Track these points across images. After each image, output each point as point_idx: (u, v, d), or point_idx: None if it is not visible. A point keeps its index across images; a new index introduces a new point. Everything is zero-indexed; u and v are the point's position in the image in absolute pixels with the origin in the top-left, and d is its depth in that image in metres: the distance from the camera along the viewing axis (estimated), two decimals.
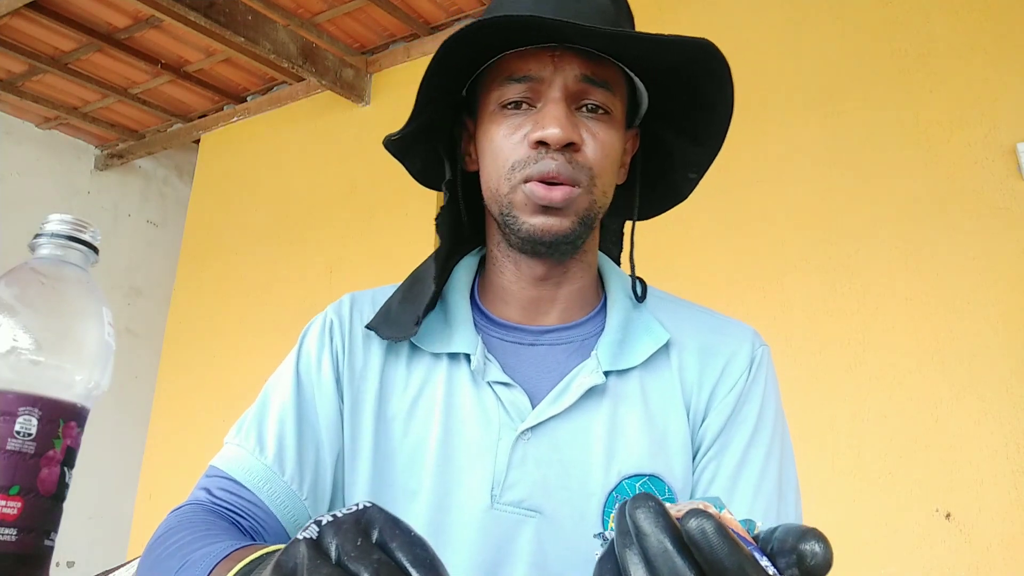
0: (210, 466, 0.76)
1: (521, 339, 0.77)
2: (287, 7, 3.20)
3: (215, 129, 4.15)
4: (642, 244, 0.86)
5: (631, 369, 0.74)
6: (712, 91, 0.75)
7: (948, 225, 2.09)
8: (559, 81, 0.70)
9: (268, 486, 0.72)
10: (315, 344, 0.78)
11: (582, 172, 0.70)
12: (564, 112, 0.69)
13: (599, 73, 0.71)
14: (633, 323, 0.77)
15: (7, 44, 3.46)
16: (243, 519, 0.71)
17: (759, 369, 0.76)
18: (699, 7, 2.74)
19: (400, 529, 0.37)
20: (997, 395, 1.92)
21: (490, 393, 0.73)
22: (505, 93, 0.71)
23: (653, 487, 0.70)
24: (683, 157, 0.81)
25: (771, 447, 0.73)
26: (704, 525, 0.34)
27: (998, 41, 2.15)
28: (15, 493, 0.42)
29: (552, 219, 0.70)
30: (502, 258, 0.78)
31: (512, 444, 0.71)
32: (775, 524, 0.70)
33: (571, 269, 0.77)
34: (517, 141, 0.71)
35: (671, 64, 0.72)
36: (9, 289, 0.45)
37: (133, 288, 4.39)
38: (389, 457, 0.74)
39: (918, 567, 1.90)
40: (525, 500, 0.70)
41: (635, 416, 0.72)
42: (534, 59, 0.70)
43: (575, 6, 0.70)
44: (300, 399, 0.76)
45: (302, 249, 3.46)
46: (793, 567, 0.35)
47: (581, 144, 0.70)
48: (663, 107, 0.79)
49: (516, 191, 0.71)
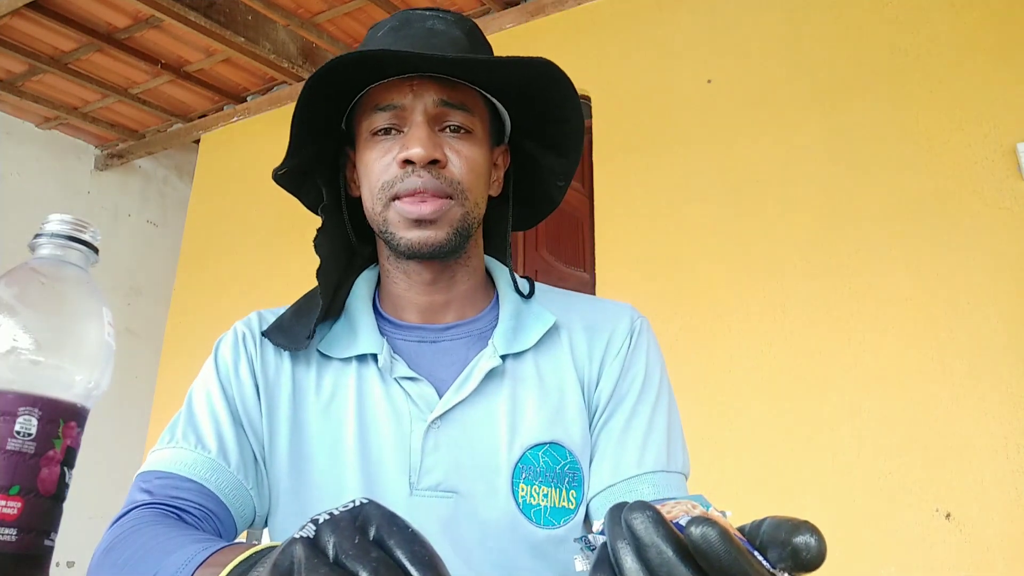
0: (141, 473, 0.75)
1: (424, 337, 0.82)
2: (287, 7, 3.20)
3: (215, 129, 4.15)
4: (642, 244, 0.88)
5: (525, 352, 0.81)
6: (561, 106, 0.82)
7: (948, 225, 2.09)
8: (419, 106, 0.77)
9: (216, 476, 0.74)
10: (230, 353, 0.83)
11: (450, 185, 0.76)
12: (426, 133, 0.75)
13: (455, 96, 0.78)
14: (523, 313, 0.84)
15: (7, 44, 3.46)
16: (191, 515, 0.71)
17: (639, 337, 0.84)
18: (699, 7, 2.74)
19: (397, 526, 0.37)
20: (997, 395, 1.92)
21: (398, 389, 0.78)
22: (374, 121, 0.78)
23: (554, 453, 0.77)
24: (550, 168, 0.88)
25: (657, 403, 0.80)
26: (708, 532, 0.34)
27: (998, 41, 2.15)
28: (15, 493, 0.42)
29: (427, 231, 0.76)
30: (393, 269, 0.84)
31: (424, 433, 0.76)
32: (663, 469, 0.76)
33: (457, 274, 0.83)
34: (387, 163, 0.77)
35: (518, 83, 0.80)
36: (9, 289, 0.44)
37: (133, 288, 4.40)
38: (307, 459, 0.78)
39: (918, 567, 1.90)
40: (441, 483, 0.75)
41: (532, 392, 0.79)
42: (396, 89, 0.77)
43: (430, 41, 0.78)
44: (228, 401, 0.80)
45: (302, 249, 3.45)
46: (786, 560, 0.35)
47: (445, 161, 0.76)
48: (523, 124, 0.86)
49: (388, 209, 0.77)
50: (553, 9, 3.07)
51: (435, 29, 0.80)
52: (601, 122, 2.83)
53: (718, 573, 0.34)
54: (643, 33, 2.85)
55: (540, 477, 0.76)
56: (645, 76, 2.78)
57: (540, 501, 0.75)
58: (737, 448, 2.21)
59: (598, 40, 2.94)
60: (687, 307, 2.40)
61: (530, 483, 0.75)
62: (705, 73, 2.65)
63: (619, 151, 2.74)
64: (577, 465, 0.77)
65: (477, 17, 3.24)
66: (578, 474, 0.77)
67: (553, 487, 0.76)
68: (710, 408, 2.26)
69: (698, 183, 2.54)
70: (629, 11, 2.90)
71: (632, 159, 2.69)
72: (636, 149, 2.69)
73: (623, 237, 2.63)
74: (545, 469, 0.76)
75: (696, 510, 0.38)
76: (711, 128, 2.58)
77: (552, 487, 0.76)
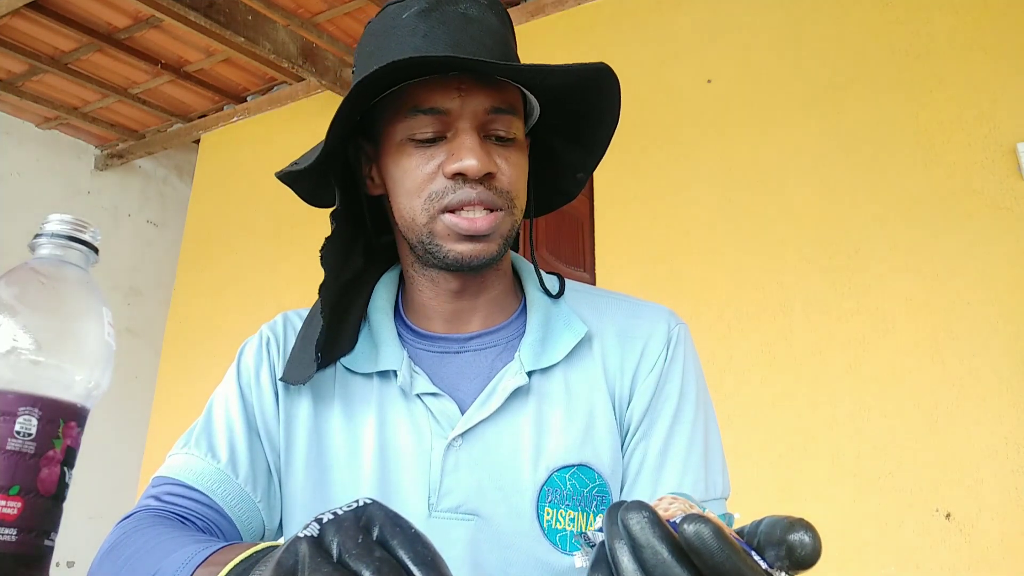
0: (155, 477, 0.75)
1: (447, 348, 0.78)
2: (287, 7, 3.20)
3: (215, 129, 4.15)
4: (643, 245, 0.87)
5: (554, 366, 0.76)
6: (602, 108, 0.78)
7: (948, 225, 2.09)
8: (468, 113, 0.70)
9: (222, 488, 0.73)
10: (253, 359, 0.81)
11: (502, 198, 0.72)
12: (478, 143, 0.70)
13: (504, 101, 0.72)
14: (553, 320, 0.79)
15: (7, 44, 3.46)
16: (195, 522, 0.70)
17: (677, 347, 0.78)
18: (699, 7, 2.74)
19: (401, 526, 0.37)
20: (997, 395, 1.92)
21: (419, 405, 0.75)
22: (413, 126, 0.71)
23: (583, 476, 0.72)
24: (571, 161, 0.84)
25: (695, 422, 0.75)
26: (701, 530, 0.34)
27: (998, 41, 2.15)
28: (15, 493, 0.42)
29: (479, 245, 0.72)
30: (418, 277, 0.79)
31: (444, 452, 0.73)
32: (704, 495, 0.72)
33: (488, 279, 0.79)
34: (431, 171, 0.71)
35: (568, 85, 0.75)
36: (9, 289, 0.44)
37: (133, 288, 4.39)
38: (325, 471, 0.76)
39: (918, 567, 1.90)
40: (462, 505, 0.72)
41: (560, 410, 0.74)
42: (440, 91, 0.70)
43: (467, 30, 0.71)
44: (245, 409, 0.78)
45: (302, 249, 3.45)
46: (783, 559, 0.35)
47: (497, 172, 0.71)
48: (554, 120, 0.81)
49: (436, 221, 0.72)
50: (553, 9, 3.07)
51: (470, 16, 0.72)
52: None
53: (712, 570, 0.34)
54: (643, 33, 2.85)
55: (567, 501, 0.72)
56: (645, 76, 2.77)
57: (566, 526, 0.71)
58: (737, 448, 2.21)
59: (598, 40, 2.94)
60: (687, 307, 2.40)
61: (556, 507, 0.71)
62: (705, 73, 2.65)
63: (619, 151, 2.72)
64: (606, 488, 0.73)
65: None
66: (607, 498, 0.73)
67: (580, 511, 0.72)
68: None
69: (698, 183, 2.54)
70: (629, 11, 2.90)
71: (632, 159, 2.69)
72: (636, 149, 2.69)
73: (623, 237, 2.63)
74: (572, 492, 0.72)
75: (693, 509, 0.38)
76: (711, 128, 2.58)
77: (579, 511, 0.72)
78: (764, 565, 0.35)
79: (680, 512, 0.38)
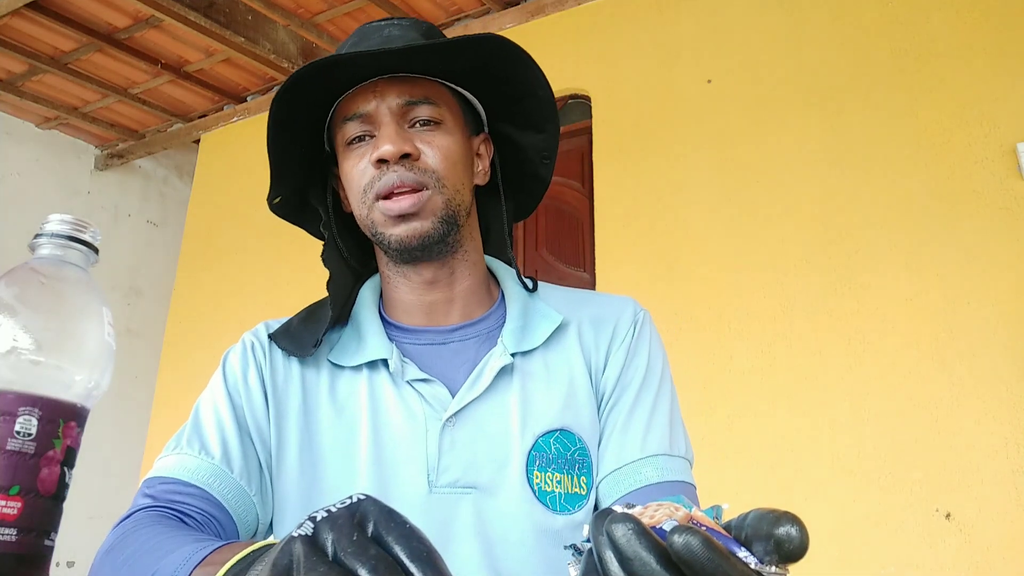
0: (147, 478, 0.76)
1: (433, 340, 0.84)
2: (287, 7, 3.20)
3: (215, 129, 4.15)
4: (642, 244, 0.88)
5: (534, 350, 0.83)
6: (524, 81, 0.83)
7: (948, 225, 2.09)
8: (384, 108, 0.79)
9: (219, 483, 0.74)
10: (239, 362, 0.84)
11: (426, 176, 0.78)
12: (394, 131, 0.78)
13: (417, 92, 0.80)
14: (531, 311, 0.85)
15: (7, 44, 3.46)
16: (193, 519, 0.71)
17: (642, 327, 0.86)
18: (699, 7, 2.75)
19: (395, 521, 0.37)
20: (997, 395, 1.92)
21: (411, 391, 0.79)
22: (346, 132, 0.81)
23: (565, 440, 0.79)
24: (532, 146, 0.90)
25: (660, 391, 0.82)
26: (690, 541, 0.34)
27: (998, 41, 2.15)
28: (15, 493, 0.42)
29: (412, 224, 0.78)
30: (392, 274, 0.85)
31: (440, 432, 0.77)
32: (668, 451, 0.77)
33: (456, 270, 0.85)
34: (363, 167, 0.79)
35: (475, 65, 0.81)
36: (9, 289, 0.44)
37: (133, 288, 4.40)
38: (319, 466, 0.78)
39: (918, 567, 1.90)
40: (460, 479, 0.76)
41: (542, 384, 0.81)
42: (360, 97, 0.80)
43: (386, 46, 0.79)
44: (235, 410, 0.80)
45: (302, 249, 3.45)
46: (772, 553, 0.35)
47: (417, 153, 0.78)
48: (496, 108, 0.88)
49: (373, 210, 0.79)
50: (553, 9, 3.08)
51: (391, 36, 0.82)
52: (601, 122, 2.83)
53: None
54: (643, 33, 2.85)
55: (552, 464, 0.78)
56: (645, 76, 2.78)
57: (554, 487, 0.77)
58: (737, 448, 2.21)
59: (598, 40, 2.94)
60: (687, 307, 2.40)
61: (543, 470, 0.77)
62: (705, 73, 2.65)
63: (619, 151, 2.74)
64: (586, 451, 0.79)
65: (477, 17, 3.25)
66: (587, 460, 0.79)
67: (565, 473, 0.78)
68: (710, 408, 2.26)
69: (698, 183, 2.54)
70: (629, 11, 2.90)
71: (632, 159, 2.69)
72: (636, 149, 2.69)
73: (623, 237, 2.63)
74: (557, 456, 0.78)
75: (679, 512, 0.38)
76: (711, 128, 2.58)
77: (564, 473, 0.78)
78: (752, 560, 0.35)
79: (666, 517, 0.38)
